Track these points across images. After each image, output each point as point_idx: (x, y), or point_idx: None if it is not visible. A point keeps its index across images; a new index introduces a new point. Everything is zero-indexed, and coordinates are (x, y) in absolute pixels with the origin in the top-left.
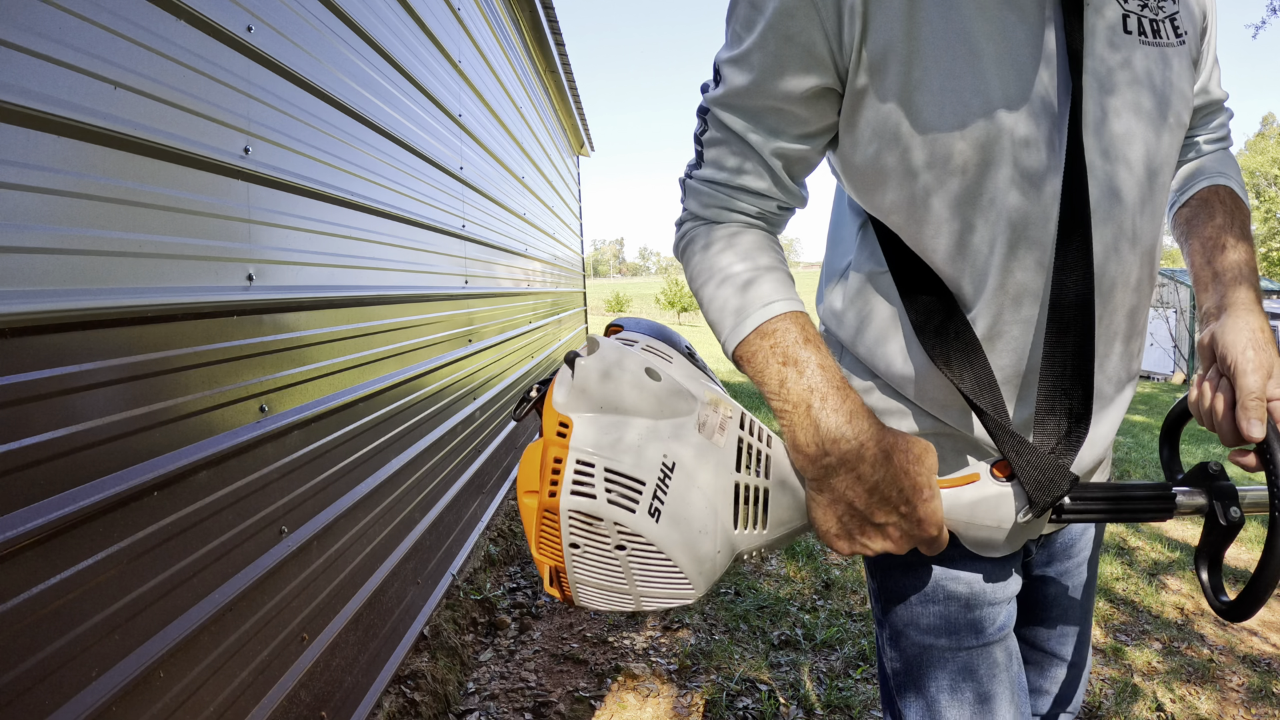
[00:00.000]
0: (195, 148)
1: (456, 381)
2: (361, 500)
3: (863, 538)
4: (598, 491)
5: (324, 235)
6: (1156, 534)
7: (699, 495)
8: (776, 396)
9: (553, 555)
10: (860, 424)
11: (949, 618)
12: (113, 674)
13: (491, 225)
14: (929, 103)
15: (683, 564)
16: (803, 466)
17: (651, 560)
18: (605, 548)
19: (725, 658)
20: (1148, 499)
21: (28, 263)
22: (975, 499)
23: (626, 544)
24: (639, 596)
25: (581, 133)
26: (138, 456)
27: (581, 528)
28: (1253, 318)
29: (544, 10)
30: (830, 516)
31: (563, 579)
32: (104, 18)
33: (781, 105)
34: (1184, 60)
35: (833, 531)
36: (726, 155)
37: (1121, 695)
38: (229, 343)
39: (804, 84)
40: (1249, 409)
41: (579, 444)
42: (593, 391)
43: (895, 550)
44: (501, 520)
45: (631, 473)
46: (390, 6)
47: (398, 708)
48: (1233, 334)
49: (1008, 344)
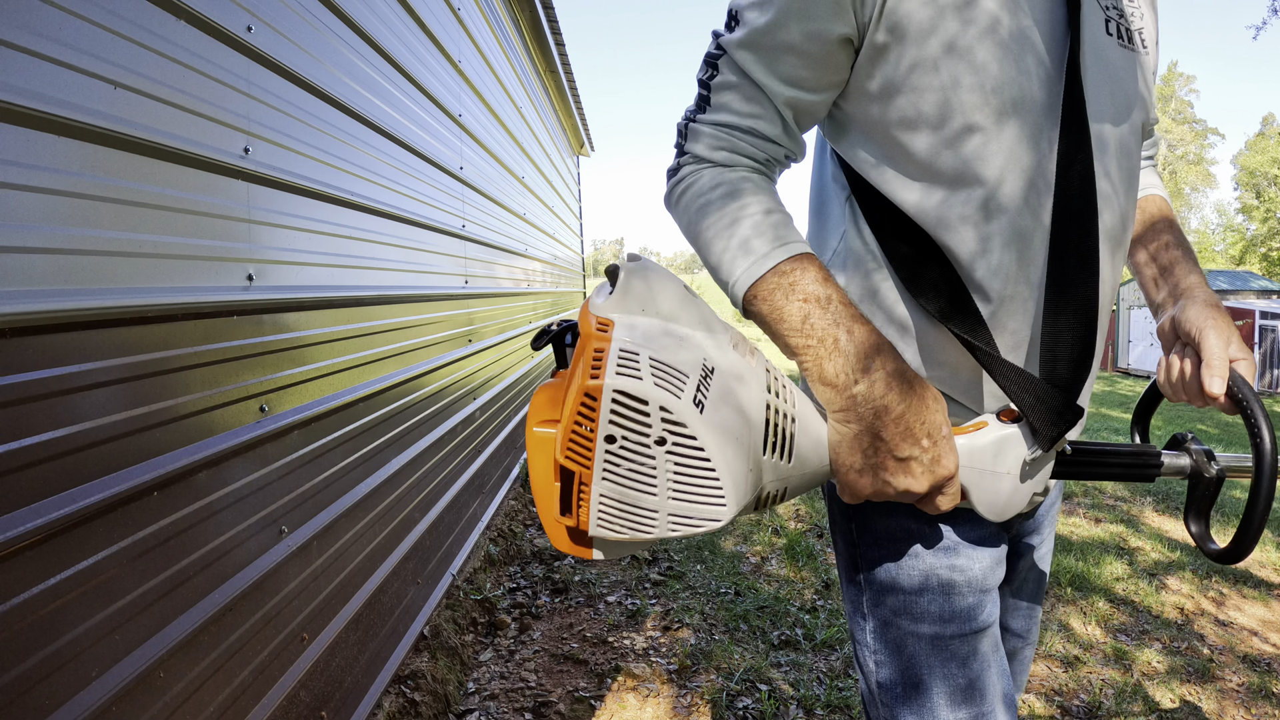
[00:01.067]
0: (195, 148)
1: (456, 381)
2: (361, 500)
3: (885, 473)
4: (644, 375)
5: (324, 235)
6: (1156, 534)
7: (736, 402)
8: (798, 333)
9: (580, 457)
10: (887, 356)
11: (943, 606)
12: (113, 674)
13: (491, 225)
14: (947, 64)
15: (720, 469)
16: (829, 399)
17: (689, 461)
18: (645, 441)
19: (725, 658)
20: (1136, 457)
21: (28, 263)
22: (986, 443)
23: (668, 436)
24: (666, 515)
25: (581, 133)
26: (138, 456)
27: (623, 414)
28: (1208, 296)
29: (544, 10)
30: (855, 450)
31: (583, 495)
32: (104, 18)
33: (802, 47)
34: (1148, 68)
35: (856, 466)
36: (738, 100)
37: (1121, 695)
38: (229, 343)
39: (826, 28)
40: (1213, 368)
41: (621, 336)
42: (636, 294)
43: (917, 489)
44: (501, 520)
45: (676, 365)
46: (390, 6)
47: (398, 708)
48: (1193, 310)
49: (1015, 306)
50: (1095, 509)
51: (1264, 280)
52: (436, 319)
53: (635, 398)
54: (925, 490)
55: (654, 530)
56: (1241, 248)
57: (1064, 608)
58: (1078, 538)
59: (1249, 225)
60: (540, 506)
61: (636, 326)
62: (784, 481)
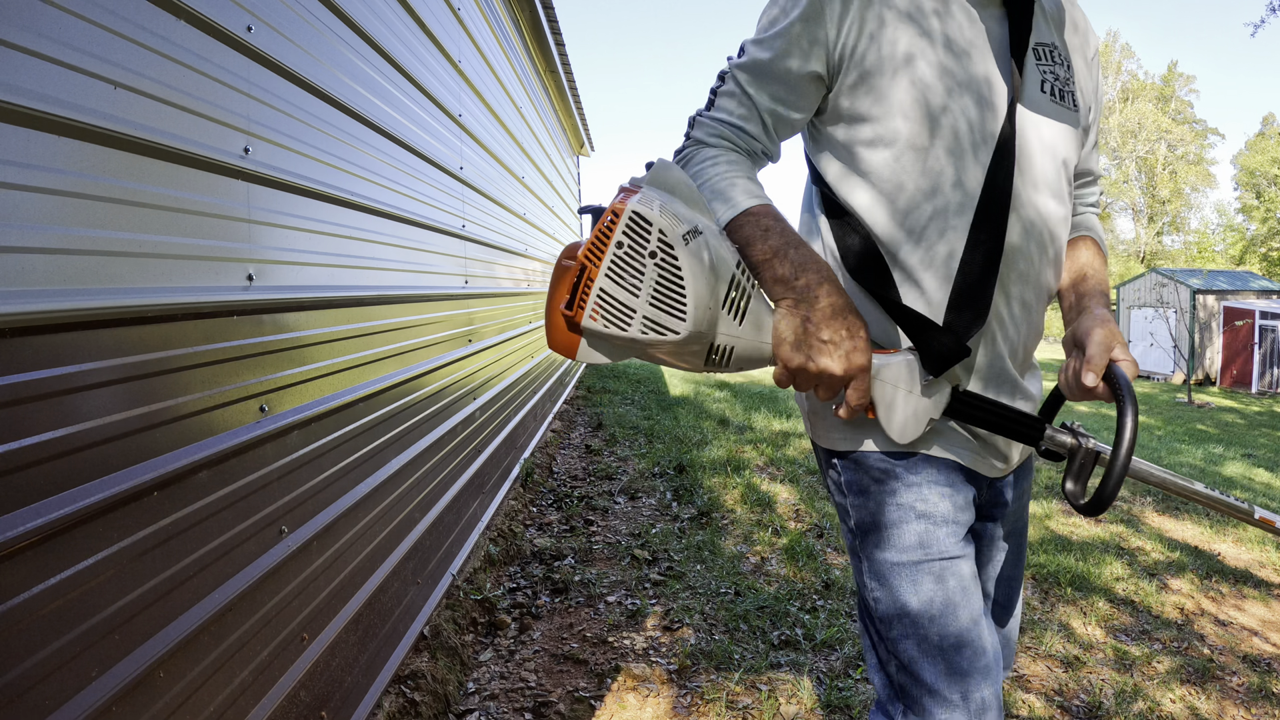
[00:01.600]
0: (195, 148)
1: (456, 381)
2: (361, 500)
3: (810, 350)
4: (654, 209)
5: (324, 235)
6: (1156, 534)
7: (713, 256)
8: (761, 250)
9: (595, 257)
10: (824, 268)
11: (922, 534)
12: (113, 674)
13: (492, 225)
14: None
15: (689, 291)
16: (778, 292)
17: (669, 276)
18: (642, 252)
19: (725, 658)
20: (1025, 422)
21: (28, 263)
22: (895, 361)
23: (659, 251)
24: (641, 317)
25: (581, 133)
26: (138, 456)
27: (632, 229)
28: (1103, 313)
29: (544, 10)
30: (790, 327)
31: (587, 290)
32: (104, 18)
33: (784, 79)
34: (1078, 123)
35: (789, 340)
36: (734, 104)
37: (1121, 695)
38: (229, 343)
39: (803, 67)
40: (1091, 363)
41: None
42: (660, 177)
43: (834, 370)
44: (501, 520)
45: (677, 213)
46: (390, 6)
47: (398, 708)
48: (1087, 322)
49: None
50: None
51: (1264, 280)
52: (436, 319)
53: (644, 219)
54: (841, 373)
55: (629, 328)
56: (1241, 248)
57: (1064, 608)
58: (1078, 538)
59: (1249, 225)
60: (549, 313)
61: (655, 190)
62: (732, 340)
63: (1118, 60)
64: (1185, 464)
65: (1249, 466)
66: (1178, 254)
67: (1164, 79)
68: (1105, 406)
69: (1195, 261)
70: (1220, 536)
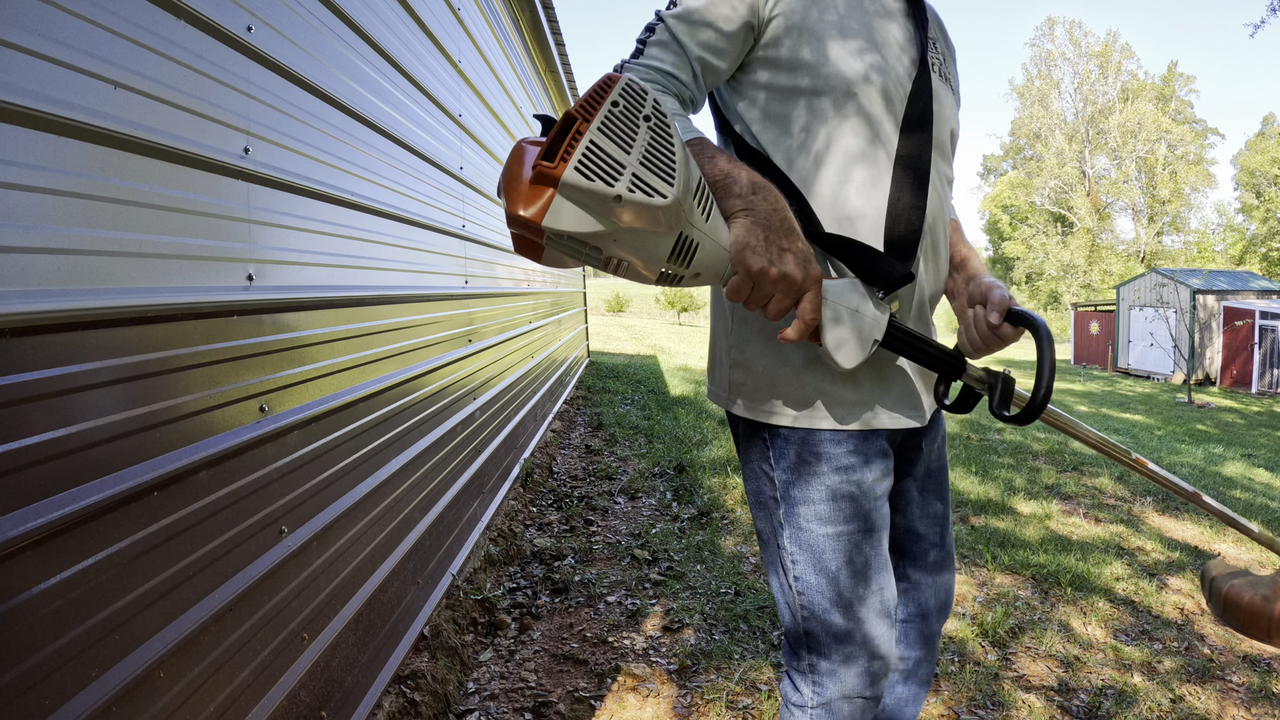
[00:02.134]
0: (195, 148)
1: (456, 381)
2: (361, 500)
3: (773, 255)
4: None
5: (324, 235)
6: (1157, 534)
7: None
8: (712, 167)
9: (588, 112)
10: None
11: (850, 511)
12: (113, 674)
13: (492, 225)
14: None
15: (678, 156)
16: (736, 206)
17: (661, 139)
18: (637, 114)
19: (725, 658)
20: (948, 356)
21: (28, 263)
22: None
23: (654, 116)
24: (630, 174)
25: None
26: (138, 456)
27: (628, 95)
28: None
29: (544, 10)
30: (751, 234)
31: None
32: (104, 18)
33: (717, 25)
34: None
35: (752, 246)
36: (665, 52)
37: (1121, 695)
38: (229, 343)
39: (736, 14)
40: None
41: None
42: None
43: (795, 275)
44: (501, 520)
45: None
46: (390, 6)
47: (398, 708)
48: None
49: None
50: (1095, 509)
51: (1264, 280)
52: (436, 319)
53: (640, 89)
54: (801, 279)
55: (616, 183)
56: (1241, 248)
57: (1064, 607)
58: (1078, 538)
59: (1249, 225)
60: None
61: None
62: (699, 236)
63: (1118, 60)
64: (1185, 464)
65: (1249, 466)
66: (1178, 254)
67: (1164, 79)
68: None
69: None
70: (1220, 537)
